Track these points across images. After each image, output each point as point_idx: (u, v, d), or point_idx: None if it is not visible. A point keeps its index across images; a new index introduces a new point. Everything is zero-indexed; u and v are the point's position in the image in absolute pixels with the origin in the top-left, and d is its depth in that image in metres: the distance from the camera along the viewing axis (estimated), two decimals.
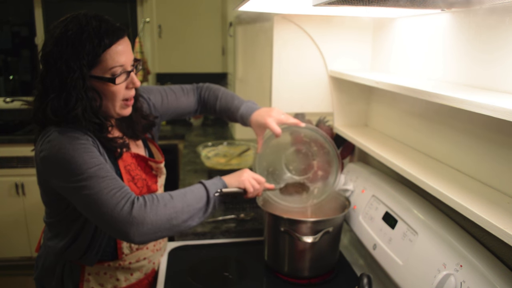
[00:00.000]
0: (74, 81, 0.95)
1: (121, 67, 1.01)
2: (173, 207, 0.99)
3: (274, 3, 1.22)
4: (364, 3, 0.86)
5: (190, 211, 1.02)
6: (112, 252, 1.16)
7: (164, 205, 0.98)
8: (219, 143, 2.51)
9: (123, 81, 1.03)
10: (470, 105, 0.78)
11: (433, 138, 1.17)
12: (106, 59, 0.98)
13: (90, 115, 0.99)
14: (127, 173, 1.12)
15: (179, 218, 1.00)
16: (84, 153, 0.96)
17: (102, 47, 0.96)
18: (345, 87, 1.59)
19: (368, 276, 0.98)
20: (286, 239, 1.24)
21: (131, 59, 1.05)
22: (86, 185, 0.94)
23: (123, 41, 1.02)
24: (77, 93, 0.96)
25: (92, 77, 0.98)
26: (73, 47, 0.95)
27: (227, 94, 1.42)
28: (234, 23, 2.79)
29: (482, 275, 0.83)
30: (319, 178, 1.34)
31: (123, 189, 0.97)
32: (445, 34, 1.09)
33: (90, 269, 1.14)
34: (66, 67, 0.95)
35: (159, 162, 1.25)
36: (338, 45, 1.58)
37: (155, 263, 1.30)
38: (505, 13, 0.87)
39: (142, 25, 3.51)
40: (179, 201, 1.01)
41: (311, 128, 1.34)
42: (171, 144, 3.19)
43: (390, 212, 1.19)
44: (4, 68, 3.60)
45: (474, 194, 0.90)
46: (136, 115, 1.18)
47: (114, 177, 0.98)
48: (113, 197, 0.94)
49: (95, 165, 0.96)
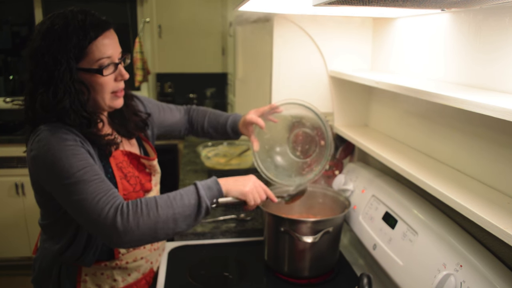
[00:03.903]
0: (61, 74, 0.97)
1: (108, 59, 1.02)
2: (158, 216, 0.95)
3: (274, 3, 1.22)
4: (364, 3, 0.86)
5: (177, 219, 0.97)
6: (108, 252, 1.14)
7: (148, 215, 0.94)
8: (219, 143, 2.51)
9: (111, 73, 1.04)
10: (470, 105, 0.78)
11: (433, 138, 1.17)
12: (92, 51, 0.99)
13: (78, 108, 1.00)
14: (119, 170, 1.11)
15: (164, 227, 0.96)
16: (71, 156, 0.96)
17: (88, 39, 0.98)
18: (345, 87, 1.59)
19: (368, 276, 0.98)
20: (286, 239, 1.24)
21: (118, 51, 1.07)
22: (72, 190, 0.94)
23: (109, 33, 1.03)
24: (65, 85, 0.97)
25: (79, 70, 1.00)
26: (59, 40, 0.97)
27: (215, 111, 1.51)
28: (234, 23, 2.79)
29: (482, 275, 0.83)
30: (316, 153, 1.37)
31: (109, 193, 0.96)
32: (445, 34, 1.09)
33: (87, 270, 1.14)
34: (53, 60, 0.97)
35: (151, 160, 1.25)
36: (338, 45, 1.58)
37: (152, 262, 1.29)
38: (505, 13, 0.87)
39: (142, 25, 3.51)
40: (165, 209, 0.96)
41: (291, 102, 1.37)
42: (171, 144, 3.19)
43: (390, 212, 1.19)
44: (4, 68, 3.60)
45: (474, 194, 0.90)
46: (128, 112, 1.20)
47: (101, 180, 0.97)
48: (98, 203, 0.93)
49: (82, 168, 0.95)
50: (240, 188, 1.06)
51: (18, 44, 3.62)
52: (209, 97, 3.71)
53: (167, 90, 3.65)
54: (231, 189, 1.06)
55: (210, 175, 1.97)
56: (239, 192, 1.06)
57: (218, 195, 1.04)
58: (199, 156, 2.34)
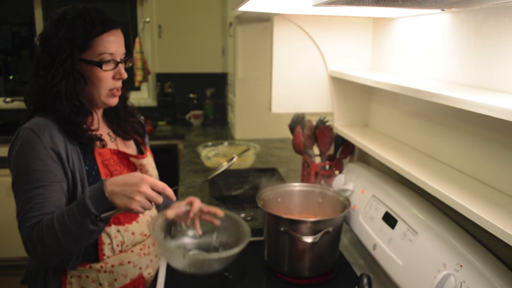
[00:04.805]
0: (62, 61, 1.02)
1: (110, 55, 1.07)
2: (57, 241, 0.96)
3: (274, 3, 1.22)
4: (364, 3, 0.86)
5: (73, 240, 0.97)
6: (93, 253, 1.12)
7: (50, 241, 0.97)
8: (219, 143, 2.51)
9: (111, 70, 1.08)
10: (470, 105, 0.78)
11: (433, 138, 1.17)
12: (96, 44, 1.04)
13: (72, 95, 1.04)
14: (104, 168, 1.12)
15: (66, 250, 1.00)
16: (35, 165, 1.01)
17: (94, 33, 1.04)
18: (345, 87, 1.59)
19: (368, 276, 0.98)
20: (286, 239, 1.24)
21: (122, 52, 1.11)
22: (16, 196, 1.04)
23: (116, 32, 1.08)
24: (64, 71, 1.03)
25: (81, 60, 1.04)
26: (67, 29, 1.02)
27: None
28: (234, 23, 2.79)
29: (482, 275, 0.83)
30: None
31: (35, 214, 1.00)
32: (445, 34, 1.09)
33: (73, 272, 1.11)
34: (58, 46, 1.02)
35: (140, 158, 1.23)
36: (338, 45, 1.58)
37: (142, 268, 1.22)
38: (505, 13, 0.87)
39: (142, 25, 3.51)
40: (61, 234, 0.95)
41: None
42: (171, 144, 3.19)
43: (390, 212, 1.19)
44: (4, 68, 3.60)
45: (474, 194, 0.90)
46: (125, 113, 1.24)
47: (42, 200, 1.00)
48: (23, 219, 1.01)
49: (36, 182, 1.01)
50: (126, 195, 0.92)
51: (18, 44, 3.62)
52: (209, 97, 3.71)
53: (167, 90, 3.65)
54: (116, 200, 0.93)
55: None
56: (124, 204, 0.93)
57: (108, 206, 0.95)
58: (199, 156, 2.34)
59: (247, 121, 2.94)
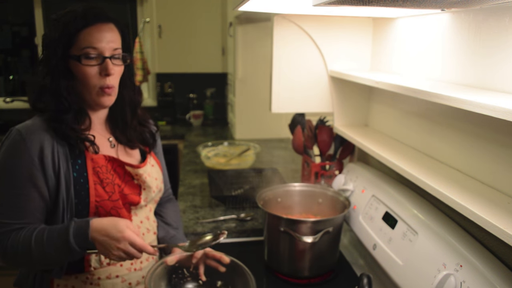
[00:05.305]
0: (48, 56, 1.03)
1: (95, 50, 1.02)
2: (30, 257, 0.98)
3: (274, 3, 1.22)
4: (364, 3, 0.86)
5: (46, 260, 1.00)
6: (78, 263, 1.07)
7: (22, 256, 0.99)
8: (219, 143, 2.51)
9: (94, 65, 1.03)
10: (470, 105, 0.78)
11: (433, 138, 1.17)
12: (80, 39, 1.02)
13: (56, 91, 1.03)
14: (94, 175, 1.06)
15: (37, 266, 1.03)
16: (16, 171, 0.99)
17: (75, 27, 1.01)
18: (345, 87, 1.59)
19: (368, 276, 0.98)
20: (286, 239, 1.24)
21: (113, 47, 1.05)
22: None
23: (104, 26, 1.04)
24: (50, 66, 1.03)
25: (67, 56, 1.03)
26: (55, 25, 1.03)
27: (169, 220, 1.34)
28: (234, 23, 2.79)
29: (482, 275, 0.83)
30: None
31: (9, 221, 0.99)
32: (445, 34, 1.09)
33: (59, 281, 1.08)
34: (47, 43, 1.04)
35: (136, 167, 1.14)
36: (338, 45, 1.58)
37: (131, 284, 1.13)
38: (505, 13, 0.87)
39: (142, 25, 3.51)
40: (36, 253, 0.97)
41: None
42: (171, 144, 3.19)
43: (390, 212, 1.19)
44: (4, 68, 3.60)
45: (473, 194, 0.90)
46: (132, 119, 1.18)
47: (17, 209, 1.00)
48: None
49: (14, 189, 0.99)
50: (107, 247, 0.96)
51: (18, 44, 3.62)
52: (209, 97, 3.71)
53: (167, 90, 3.65)
54: (98, 246, 0.97)
55: (210, 175, 1.98)
56: (104, 253, 0.98)
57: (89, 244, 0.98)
58: (199, 156, 2.34)
59: (247, 121, 2.94)
